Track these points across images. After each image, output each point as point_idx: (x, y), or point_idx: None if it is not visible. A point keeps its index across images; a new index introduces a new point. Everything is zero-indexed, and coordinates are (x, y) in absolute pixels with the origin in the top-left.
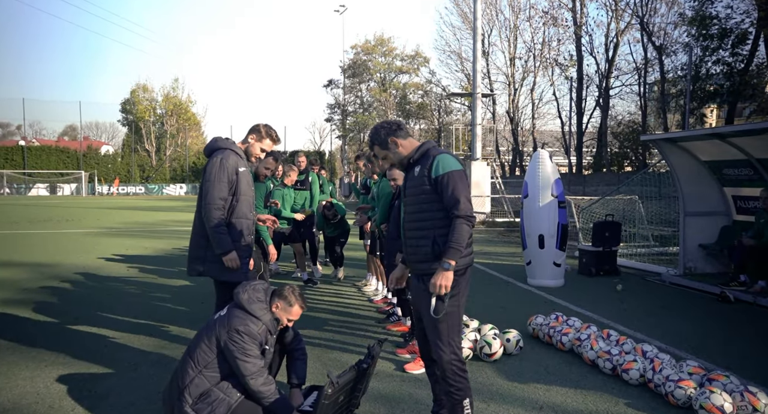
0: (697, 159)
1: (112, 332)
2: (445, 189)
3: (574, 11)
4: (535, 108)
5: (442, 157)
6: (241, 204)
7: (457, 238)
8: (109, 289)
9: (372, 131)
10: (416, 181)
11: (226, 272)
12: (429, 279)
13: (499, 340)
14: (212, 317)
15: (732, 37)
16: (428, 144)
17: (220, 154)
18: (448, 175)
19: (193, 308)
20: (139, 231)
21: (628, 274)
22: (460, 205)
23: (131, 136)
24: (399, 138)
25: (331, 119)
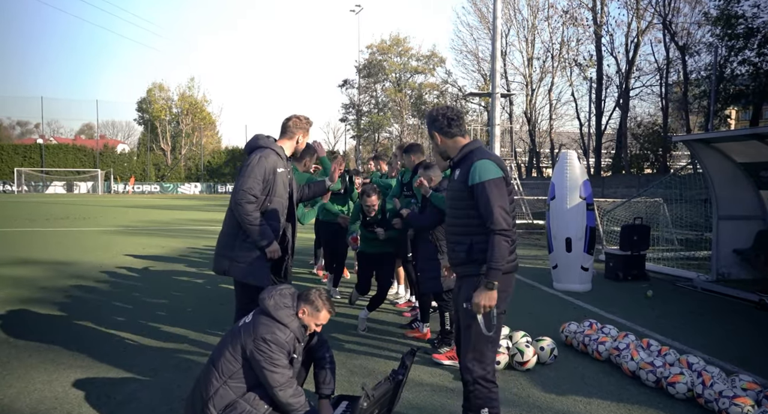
0: (732, 161)
1: (130, 335)
2: (480, 199)
3: (594, 10)
4: (552, 109)
5: (480, 164)
6: (274, 206)
7: (497, 257)
8: (126, 289)
9: (426, 115)
10: (455, 185)
11: (250, 275)
12: (467, 282)
13: (532, 348)
14: (236, 324)
15: (759, 37)
16: (472, 145)
17: (260, 152)
18: (483, 185)
19: (213, 310)
20: (156, 230)
21: (657, 280)
22: (494, 217)
23: (147, 135)
24: (441, 135)
25: (345, 119)
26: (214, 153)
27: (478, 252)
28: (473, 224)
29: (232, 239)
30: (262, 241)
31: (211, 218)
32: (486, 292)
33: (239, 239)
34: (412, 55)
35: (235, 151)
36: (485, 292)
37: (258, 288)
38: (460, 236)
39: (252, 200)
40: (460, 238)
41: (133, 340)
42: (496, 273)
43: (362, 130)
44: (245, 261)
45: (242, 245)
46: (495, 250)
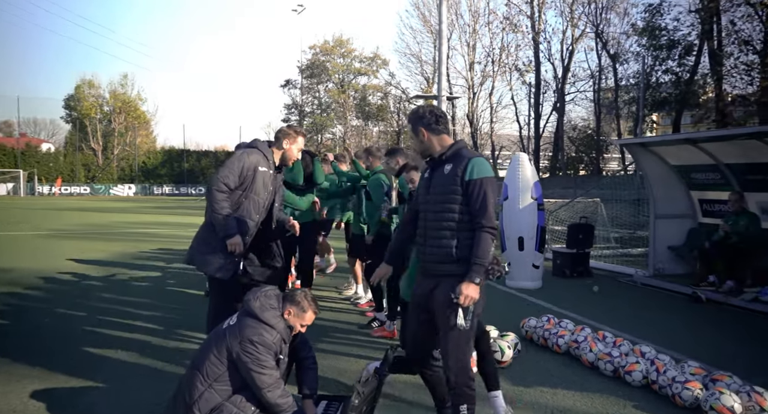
0: (667, 163)
1: (87, 341)
2: (476, 195)
3: (532, 18)
4: (493, 112)
5: (477, 161)
6: (249, 202)
7: (483, 253)
8: (73, 295)
9: (413, 111)
10: (445, 179)
11: (207, 265)
12: (447, 281)
13: (511, 352)
14: (220, 326)
15: (679, 49)
16: (461, 143)
17: (246, 149)
18: (481, 182)
19: (168, 314)
20: (93, 233)
21: (601, 276)
22: (487, 214)
23: (75, 134)
24: (429, 132)
25: (288, 120)
26: (150, 153)
27: (464, 249)
28: (463, 220)
29: (203, 231)
30: (223, 231)
31: (150, 221)
32: (472, 284)
33: (207, 230)
34: (355, 56)
35: (172, 152)
36: (471, 285)
37: (235, 289)
38: (446, 232)
39: (223, 189)
40: (446, 234)
41: (90, 347)
42: (480, 269)
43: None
44: (205, 250)
45: (209, 236)
46: (482, 246)
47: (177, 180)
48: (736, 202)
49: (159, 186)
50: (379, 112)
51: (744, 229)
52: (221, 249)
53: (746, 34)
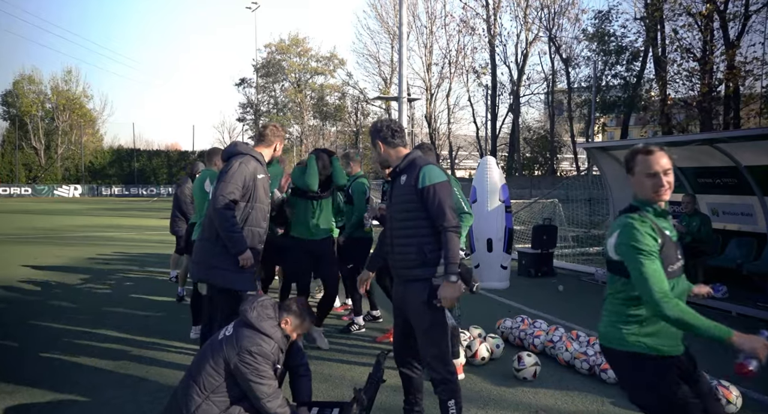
0: None
1: (57, 353)
2: (431, 201)
3: (488, 21)
4: (450, 113)
5: (427, 169)
6: (256, 212)
7: (453, 252)
8: (35, 304)
9: (372, 125)
10: (403, 189)
11: (234, 281)
12: (415, 285)
13: (478, 340)
14: (215, 337)
15: (627, 54)
16: (414, 154)
17: (240, 158)
18: (433, 188)
19: (140, 321)
20: (42, 238)
21: (563, 275)
22: (446, 216)
23: (14, 132)
24: (385, 145)
25: (243, 119)
26: (97, 152)
27: (427, 253)
28: (422, 226)
29: (211, 245)
30: (233, 248)
31: (101, 224)
32: (451, 285)
33: (219, 245)
34: (311, 55)
35: (121, 151)
36: (451, 286)
37: (238, 297)
38: (409, 238)
39: (231, 205)
40: (408, 241)
41: (61, 358)
42: (454, 266)
43: None
44: (228, 267)
45: (224, 250)
46: (450, 246)
47: (126, 180)
48: (689, 204)
49: (107, 187)
50: (336, 112)
51: (696, 229)
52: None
53: (687, 42)
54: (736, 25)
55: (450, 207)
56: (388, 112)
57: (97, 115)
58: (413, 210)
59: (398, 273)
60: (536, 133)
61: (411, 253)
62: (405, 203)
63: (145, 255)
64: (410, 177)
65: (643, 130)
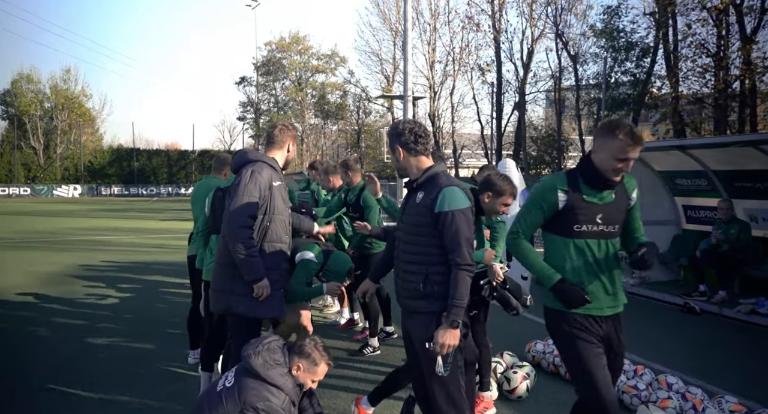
0: (652, 169)
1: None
2: (447, 229)
3: (493, 17)
4: (454, 111)
5: (449, 191)
6: (276, 225)
7: (460, 294)
8: (26, 320)
9: (392, 126)
10: (417, 209)
11: (260, 307)
12: (418, 319)
13: (520, 373)
14: (212, 387)
15: (637, 50)
16: (437, 168)
17: (251, 166)
18: (452, 215)
19: (134, 339)
20: (40, 242)
21: None
22: (461, 251)
23: (13, 132)
24: (406, 151)
25: (243, 118)
26: (96, 152)
27: (434, 284)
28: (432, 253)
29: (229, 270)
30: (248, 276)
31: (100, 226)
32: (449, 330)
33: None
34: (312, 53)
35: (120, 150)
36: (449, 331)
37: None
38: (415, 265)
39: (248, 223)
40: (414, 268)
41: (61, 387)
42: (459, 311)
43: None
44: (252, 292)
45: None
46: (459, 287)
47: (126, 180)
48: (727, 210)
49: (107, 186)
50: (338, 110)
51: (735, 237)
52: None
53: (701, 37)
54: (752, 20)
55: (467, 240)
56: (390, 111)
57: (97, 114)
58: (425, 234)
59: (402, 302)
60: (545, 130)
61: (416, 281)
62: (417, 225)
63: (142, 263)
64: (427, 196)
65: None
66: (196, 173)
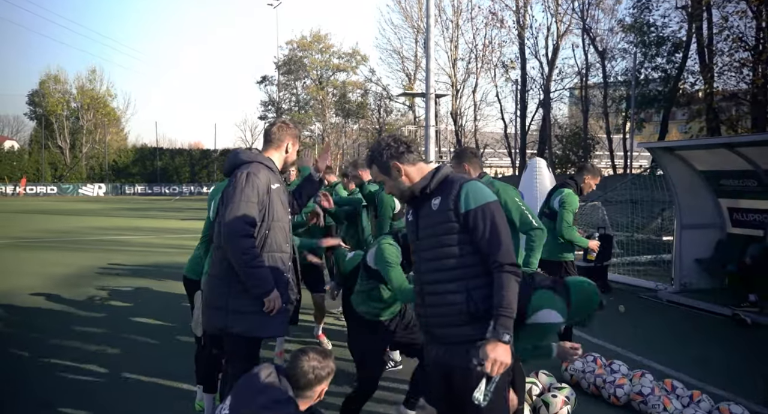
0: (694, 168)
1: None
2: (481, 228)
3: (517, 13)
4: (477, 109)
5: (471, 186)
6: (275, 233)
7: (509, 301)
8: (31, 327)
9: (372, 148)
10: (436, 217)
11: (263, 326)
12: (463, 348)
13: (560, 397)
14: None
15: (668, 45)
16: (446, 169)
17: (246, 168)
18: (483, 209)
19: (141, 351)
20: (58, 242)
21: (619, 291)
22: (502, 249)
23: (41, 131)
24: (404, 163)
25: (264, 117)
26: (121, 151)
27: (480, 301)
28: (468, 264)
29: (224, 285)
30: (257, 289)
31: (121, 226)
32: (500, 345)
33: (235, 283)
34: (333, 52)
35: (144, 150)
36: (499, 346)
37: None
38: (452, 284)
39: (249, 231)
40: (453, 286)
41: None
42: (508, 322)
43: None
44: (251, 309)
45: (243, 289)
46: (506, 292)
47: (149, 179)
48: None
49: (131, 185)
50: (359, 109)
51: None
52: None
53: (739, 30)
54: None
55: (506, 235)
56: (411, 109)
57: (121, 113)
58: (455, 243)
59: (434, 333)
60: (570, 129)
61: (454, 303)
62: (441, 235)
63: (160, 265)
64: (446, 199)
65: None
66: (218, 172)
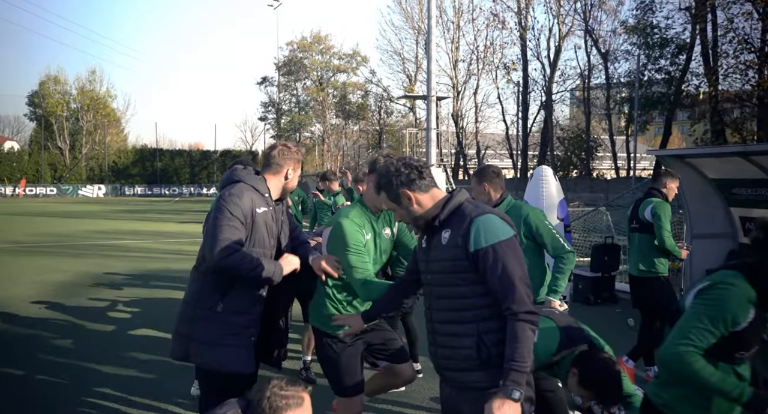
0: (704, 176)
1: None
2: (492, 270)
3: (519, 14)
4: (478, 111)
5: (484, 221)
6: None
7: (522, 354)
8: (26, 339)
9: (380, 173)
10: (445, 252)
11: (224, 360)
12: (471, 396)
13: None
14: None
15: (672, 47)
16: (460, 196)
17: (230, 188)
18: (494, 249)
19: (134, 368)
20: (56, 246)
21: (627, 301)
22: (516, 295)
23: (41, 132)
24: (416, 192)
25: (265, 118)
26: (120, 152)
27: (492, 346)
28: (480, 305)
29: (191, 309)
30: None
31: (120, 229)
32: (507, 403)
33: (202, 307)
34: (334, 53)
35: (144, 151)
36: (507, 404)
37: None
38: (461, 326)
39: (237, 249)
40: (462, 329)
41: None
42: (519, 377)
43: (283, 130)
44: (214, 339)
45: (208, 316)
46: (520, 343)
47: (149, 180)
48: None
49: (131, 186)
50: (359, 110)
51: None
52: (238, 330)
53: (744, 32)
54: None
55: (521, 280)
56: (412, 111)
57: (121, 114)
58: (465, 282)
59: (445, 375)
60: (572, 131)
61: (465, 347)
62: (450, 273)
63: (156, 271)
64: (456, 233)
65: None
66: (218, 173)
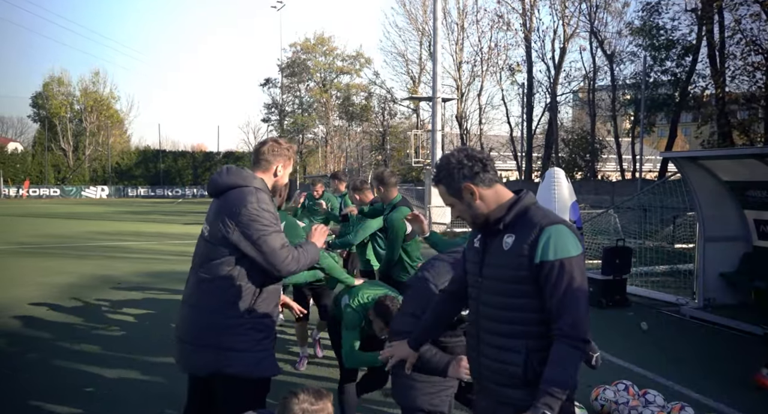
0: (718, 178)
1: None
2: (555, 286)
3: (524, 15)
4: (482, 112)
5: (555, 232)
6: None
7: (564, 380)
8: (27, 344)
9: (440, 166)
10: (505, 258)
11: (259, 365)
12: (511, 410)
13: None
14: None
15: (678, 49)
16: (527, 199)
17: (251, 195)
18: (562, 265)
19: (136, 385)
20: (58, 248)
21: (638, 305)
22: (575, 318)
23: (44, 133)
24: (479, 186)
25: (268, 119)
26: (123, 153)
27: (539, 365)
28: (533, 321)
29: (221, 317)
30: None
31: (123, 230)
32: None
33: (232, 315)
34: (337, 54)
35: (147, 152)
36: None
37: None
38: (511, 340)
39: (291, 252)
40: (511, 343)
41: None
42: (556, 403)
43: (286, 132)
44: (249, 346)
45: (241, 323)
46: (565, 369)
47: (152, 181)
48: None
49: (134, 188)
50: (362, 112)
51: None
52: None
53: (752, 33)
54: None
55: (584, 302)
56: (416, 113)
57: (124, 116)
58: (522, 294)
59: (486, 387)
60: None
61: (512, 363)
62: (507, 282)
63: (161, 273)
64: (521, 241)
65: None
66: None
